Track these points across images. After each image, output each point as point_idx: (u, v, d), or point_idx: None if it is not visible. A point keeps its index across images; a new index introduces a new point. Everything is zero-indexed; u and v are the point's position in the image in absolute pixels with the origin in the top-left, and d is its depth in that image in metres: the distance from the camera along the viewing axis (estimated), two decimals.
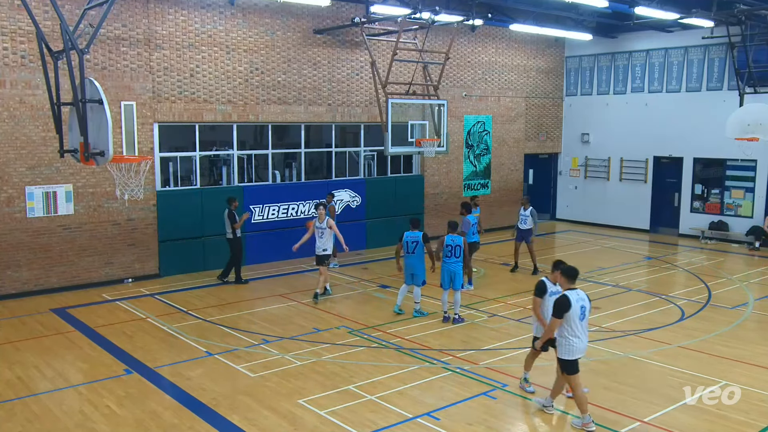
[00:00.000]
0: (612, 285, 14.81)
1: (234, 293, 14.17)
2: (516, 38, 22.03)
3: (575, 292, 7.70)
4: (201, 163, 16.25)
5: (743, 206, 20.19)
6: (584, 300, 7.75)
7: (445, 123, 15.99)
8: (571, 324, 7.63)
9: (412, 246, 12.16)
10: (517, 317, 12.29)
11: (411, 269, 12.23)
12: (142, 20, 14.58)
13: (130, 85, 14.46)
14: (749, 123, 16.56)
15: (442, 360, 10.11)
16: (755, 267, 17.13)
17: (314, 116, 17.55)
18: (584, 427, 7.80)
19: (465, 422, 8.00)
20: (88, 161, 9.25)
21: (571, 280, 7.76)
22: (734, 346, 10.86)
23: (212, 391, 8.93)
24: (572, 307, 7.57)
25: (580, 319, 7.66)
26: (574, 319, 7.61)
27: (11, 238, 13.43)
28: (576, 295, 7.67)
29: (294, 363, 9.97)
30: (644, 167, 22.15)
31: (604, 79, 23.09)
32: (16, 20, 13.03)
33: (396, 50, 14.96)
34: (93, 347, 10.75)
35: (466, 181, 21.43)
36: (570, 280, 7.76)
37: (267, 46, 16.52)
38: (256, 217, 16.73)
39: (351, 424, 7.92)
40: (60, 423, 8.00)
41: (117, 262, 14.78)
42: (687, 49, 20.91)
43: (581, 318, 7.67)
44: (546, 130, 23.85)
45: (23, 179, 13.43)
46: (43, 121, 13.37)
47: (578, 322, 7.65)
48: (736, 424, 7.96)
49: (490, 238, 20.83)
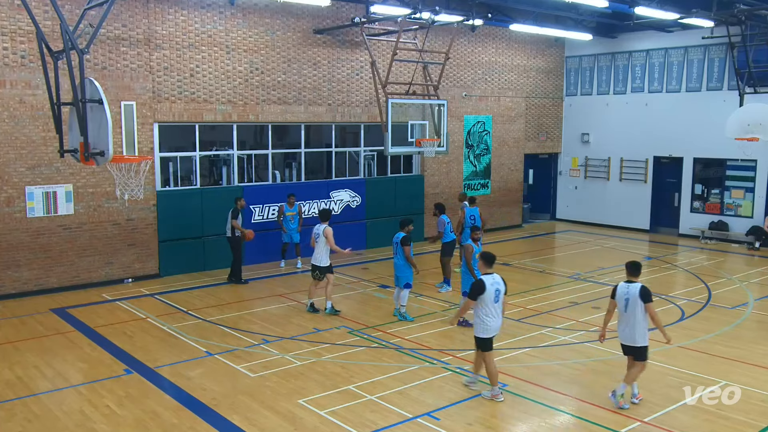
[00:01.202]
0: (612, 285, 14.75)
1: (234, 293, 14.17)
2: (516, 38, 22.03)
3: (491, 276, 8.53)
4: (201, 163, 16.26)
5: (743, 206, 20.19)
6: (499, 284, 8.53)
7: (445, 123, 15.98)
8: (487, 305, 8.41)
9: (394, 247, 12.13)
10: (517, 317, 12.29)
11: (395, 271, 12.15)
12: (142, 20, 14.59)
13: (130, 85, 14.47)
14: (749, 123, 16.55)
15: (442, 360, 10.11)
16: (755, 267, 17.13)
17: (314, 116, 17.55)
18: (494, 397, 8.56)
19: (465, 422, 8.00)
20: (88, 161, 9.25)
21: (488, 264, 8.65)
22: (734, 346, 10.86)
23: (212, 391, 8.94)
24: (487, 290, 8.36)
25: (494, 302, 8.43)
26: (489, 301, 8.38)
27: (11, 238, 13.43)
28: (492, 279, 8.49)
29: (294, 363, 9.97)
30: (644, 167, 22.15)
31: (604, 79, 23.09)
32: (16, 20, 13.03)
33: (396, 50, 14.96)
34: (93, 347, 10.75)
35: (466, 181, 21.43)
36: (487, 265, 8.64)
37: (267, 46, 16.52)
38: (256, 217, 16.73)
39: (351, 424, 7.92)
40: (60, 423, 8.00)
41: (117, 262, 14.78)
42: (687, 49, 20.91)
43: (495, 300, 8.45)
44: (546, 130, 23.85)
45: (23, 179, 13.43)
46: (43, 121, 13.37)
47: (492, 304, 8.42)
48: (736, 424, 7.97)
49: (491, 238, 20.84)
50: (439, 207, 14.58)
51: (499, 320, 8.58)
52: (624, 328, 8.37)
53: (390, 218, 18.96)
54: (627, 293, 8.27)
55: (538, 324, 11.88)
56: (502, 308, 8.63)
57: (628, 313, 8.25)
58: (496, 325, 8.56)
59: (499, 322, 8.61)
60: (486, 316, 8.46)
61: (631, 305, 8.21)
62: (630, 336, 8.32)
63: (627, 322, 8.31)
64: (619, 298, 8.34)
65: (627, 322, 8.31)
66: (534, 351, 10.54)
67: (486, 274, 8.60)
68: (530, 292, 14.22)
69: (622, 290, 8.34)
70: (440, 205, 14.69)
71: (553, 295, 14.01)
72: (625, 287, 8.33)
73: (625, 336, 8.39)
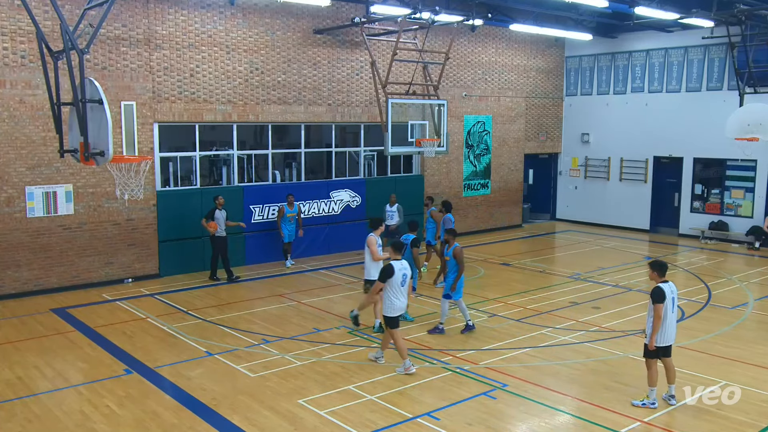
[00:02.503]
0: (612, 285, 14.80)
1: (234, 293, 14.17)
2: (516, 38, 22.03)
3: (399, 262, 9.55)
4: (201, 163, 16.26)
5: (743, 206, 20.19)
6: (406, 269, 9.56)
7: (445, 123, 15.98)
8: (394, 287, 9.41)
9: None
10: (517, 317, 12.29)
11: None
12: (142, 20, 14.58)
13: (130, 85, 14.46)
14: (749, 123, 16.54)
15: (442, 360, 10.11)
16: (755, 267, 17.13)
17: (314, 116, 17.55)
18: (406, 371, 9.39)
19: (465, 422, 8.00)
20: (88, 161, 9.24)
21: (397, 252, 9.68)
22: (734, 346, 10.86)
23: (212, 391, 8.94)
24: (395, 274, 9.39)
25: (401, 284, 9.46)
26: (396, 284, 9.41)
27: (11, 238, 13.43)
28: (400, 264, 9.52)
29: (294, 363, 9.97)
30: (644, 167, 22.15)
31: (604, 79, 23.09)
32: (16, 20, 13.03)
33: (396, 50, 14.96)
34: (93, 347, 10.75)
35: (466, 181, 21.43)
36: (396, 252, 9.68)
37: (267, 46, 16.52)
38: (256, 216, 16.73)
39: (351, 424, 7.92)
40: (60, 423, 8.00)
41: (117, 262, 14.78)
42: (687, 49, 20.91)
43: (402, 284, 9.47)
44: (546, 130, 23.85)
45: (23, 179, 13.43)
46: (43, 121, 13.37)
47: (399, 287, 9.45)
48: (736, 424, 7.97)
49: (491, 238, 20.85)
50: (447, 205, 14.60)
51: (404, 301, 9.61)
52: (670, 328, 8.31)
53: None
54: (672, 292, 8.28)
55: (538, 324, 11.88)
56: (407, 291, 9.69)
57: (674, 313, 8.33)
58: (402, 305, 9.57)
59: (405, 303, 9.65)
60: (394, 297, 9.43)
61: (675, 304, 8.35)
62: (674, 335, 8.40)
63: (672, 322, 8.31)
64: (668, 299, 8.20)
65: (672, 321, 8.31)
66: (534, 351, 10.54)
67: (395, 260, 9.57)
68: (530, 292, 14.22)
69: (668, 290, 8.23)
70: (447, 203, 14.71)
71: (553, 295, 14.01)
72: (669, 287, 8.27)
73: (672, 336, 8.37)
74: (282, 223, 16.25)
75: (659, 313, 8.12)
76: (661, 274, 8.32)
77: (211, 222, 14.72)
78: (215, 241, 14.92)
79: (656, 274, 8.33)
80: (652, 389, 8.38)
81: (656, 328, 8.18)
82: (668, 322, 8.23)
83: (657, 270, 8.34)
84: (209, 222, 14.71)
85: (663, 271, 8.34)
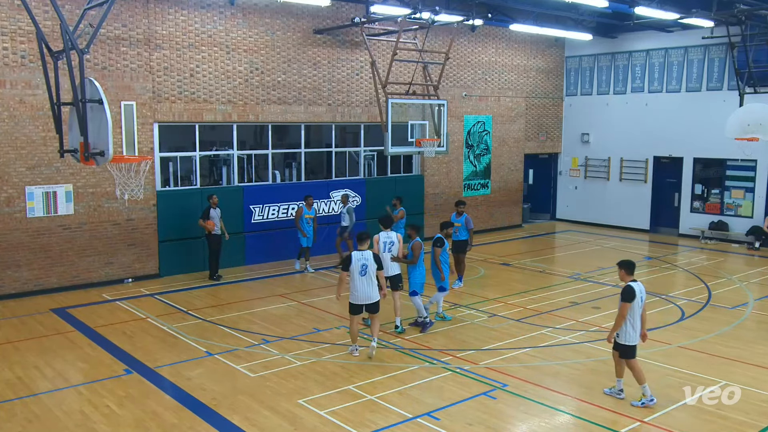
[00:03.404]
0: (612, 285, 14.80)
1: (234, 293, 14.17)
2: (516, 38, 22.03)
3: (361, 253, 10.04)
4: (201, 163, 16.25)
5: (743, 206, 20.19)
6: (368, 260, 9.98)
7: (445, 123, 15.98)
8: (353, 276, 10.00)
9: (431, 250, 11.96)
10: (517, 317, 12.29)
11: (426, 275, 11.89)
12: (142, 20, 14.59)
13: (130, 85, 14.47)
14: (749, 123, 16.54)
15: (442, 360, 10.11)
16: (755, 267, 17.13)
17: (314, 116, 17.55)
18: (350, 353, 10.19)
19: (465, 422, 8.00)
20: (88, 161, 9.25)
21: (362, 243, 10.19)
22: (734, 346, 10.86)
23: (212, 391, 8.94)
24: (353, 264, 9.94)
25: (360, 274, 9.95)
26: (355, 272, 9.96)
27: (11, 238, 13.43)
28: (360, 255, 10.01)
29: (294, 363, 9.97)
30: (644, 167, 22.15)
31: (604, 79, 23.09)
32: (16, 20, 13.03)
33: (396, 50, 14.95)
34: (93, 347, 10.75)
35: (466, 181, 21.43)
36: (361, 243, 10.19)
37: (267, 46, 16.52)
38: (256, 217, 16.72)
39: (351, 424, 7.92)
40: (60, 423, 8.00)
41: (117, 262, 14.78)
42: (687, 49, 20.91)
43: (361, 273, 9.95)
44: (546, 130, 23.85)
45: (23, 179, 13.43)
46: (43, 121, 13.37)
47: (359, 276, 9.97)
48: (736, 424, 7.97)
49: (490, 238, 20.85)
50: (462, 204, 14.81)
51: (364, 292, 10.03)
52: (636, 327, 8.38)
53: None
54: (641, 292, 8.35)
55: (538, 324, 11.88)
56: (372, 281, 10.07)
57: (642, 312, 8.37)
58: (360, 294, 10.04)
59: (364, 293, 10.05)
60: (352, 285, 10.08)
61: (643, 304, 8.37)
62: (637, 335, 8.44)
63: (638, 321, 8.38)
64: (638, 298, 8.30)
65: (639, 321, 8.38)
66: (534, 351, 10.54)
67: (358, 250, 10.11)
68: (530, 292, 14.22)
69: (639, 290, 8.32)
70: (462, 203, 14.83)
71: (553, 295, 14.01)
72: (638, 287, 8.35)
73: (637, 336, 8.42)
74: (300, 225, 15.83)
75: (624, 312, 8.23)
76: (630, 272, 8.41)
77: (209, 221, 14.72)
78: (211, 239, 14.92)
79: (624, 272, 8.43)
80: (643, 386, 8.42)
81: (618, 325, 8.30)
82: (637, 321, 8.33)
83: (625, 269, 8.43)
84: (206, 221, 14.71)
85: (631, 270, 8.43)
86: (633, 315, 8.30)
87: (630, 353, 8.42)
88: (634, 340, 8.40)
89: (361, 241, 10.27)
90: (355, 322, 10.31)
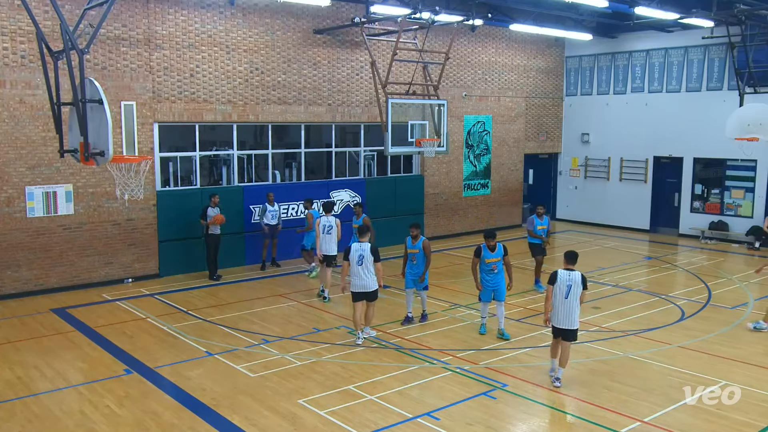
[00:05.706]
0: (612, 285, 14.80)
1: (234, 293, 14.17)
2: (516, 38, 22.03)
3: (359, 244, 10.57)
4: (201, 163, 16.25)
5: (743, 206, 20.19)
6: (364, 251, 10.48)
7: (445, 123, 15.98)
8: (352, 265, 10.52)
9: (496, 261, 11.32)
10: (517, 317, 12.29)
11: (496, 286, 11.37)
12: (142, 20, 14.58)
13: (130, 85, 14.47)
14: (749, 123, 16.52)
15: (442, 360, 10.11)
16: (755, 267, 17.10)
17: (314, 116, 17.55)
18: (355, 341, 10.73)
19: (465, 422, 8.00)
20: (88, 161, 9.24)
21: (362, 235, 10.73)
22: (734, 346, 10.86)
23: (212, 391, 8.94)
24: (351, 254, 10.49)
25: (357, 264, 10.47)
26: (354, 263, 10.48)
27: (11, 238, 13.42)
28: (359, 246, 10.55)
29: (294, 363, 9.97)
30: (644, 167, 22.15)
31: (604, 79, 23.09)
32: (16, 20, 13.03)
33: (396, 50, 14.95)
34: (93, 347, 10.75)
35: (466, 181, 21.43)
36: (362, 236, 10.73)
37: (267, 46, 16.52)
38: (255, 217, 16.71)
39: (351, 424, 7.92)
40: (60, 423, 8.00)
41: (117, 262, 14.78)
42: (687, 49, 20.91)
43: (358, 263, 10.46)
44: (546, 130, 23.85)
45: (23, 179, 13.43)
46: (43, 121, 13.37)
47: (356, 266, 10.49)
48: (736, 424, 7.97)
49: None
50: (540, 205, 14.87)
51: (360, 280, 10.52)
52: (564, 312, 8.99)
53: (390, 218, 18.98)
54: (569, 280, 8.95)
55: (538, 324, 11.87)
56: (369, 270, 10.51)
57: (569, 299, 8.94)
58: (359, 283, 10.54)
59: (361, 282, 10.53)
60: (352, 275, 10.59)
61: (573, 291, 8.92)
62: (570, 320, 8.98)
63: (569, 307, 8.96)
64: (560, 285, 8.97)
65: (569, 306, 8.95)
66: (534, 351, 10.54)
67: (360, 242, 10.67)
68: (530, 292, 14.22)
69: (563, 277, 8.98)
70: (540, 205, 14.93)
71: None
72: (566, 274, 9.00)
73: (564, 320, 9.00)
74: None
75: (548, 294, 9.06)
76: (568, 262, 9.12)
77: (217, 215, 14.76)
78: (209, 238, 14.92)
79: (564, 260, 9.18)
80: (552, 359, 9.35)
81: (546, 307, 9.17)
82: (557, 304, 9.00)
83: (565, 258, 9.18)
84: (215, 216, 14.75)
85: (571, 259, 9.13)
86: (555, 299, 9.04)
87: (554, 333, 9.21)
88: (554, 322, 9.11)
89: (361, 233, 10.85)
90: (357, 309, 10.69)
